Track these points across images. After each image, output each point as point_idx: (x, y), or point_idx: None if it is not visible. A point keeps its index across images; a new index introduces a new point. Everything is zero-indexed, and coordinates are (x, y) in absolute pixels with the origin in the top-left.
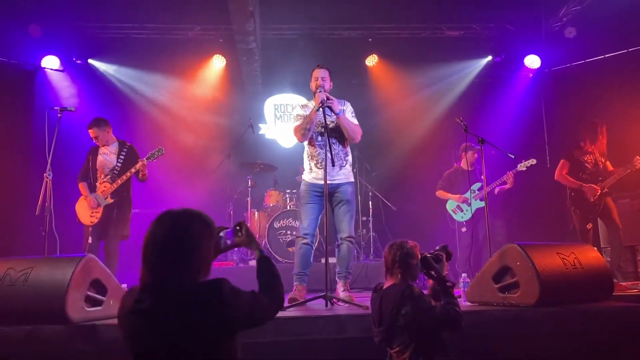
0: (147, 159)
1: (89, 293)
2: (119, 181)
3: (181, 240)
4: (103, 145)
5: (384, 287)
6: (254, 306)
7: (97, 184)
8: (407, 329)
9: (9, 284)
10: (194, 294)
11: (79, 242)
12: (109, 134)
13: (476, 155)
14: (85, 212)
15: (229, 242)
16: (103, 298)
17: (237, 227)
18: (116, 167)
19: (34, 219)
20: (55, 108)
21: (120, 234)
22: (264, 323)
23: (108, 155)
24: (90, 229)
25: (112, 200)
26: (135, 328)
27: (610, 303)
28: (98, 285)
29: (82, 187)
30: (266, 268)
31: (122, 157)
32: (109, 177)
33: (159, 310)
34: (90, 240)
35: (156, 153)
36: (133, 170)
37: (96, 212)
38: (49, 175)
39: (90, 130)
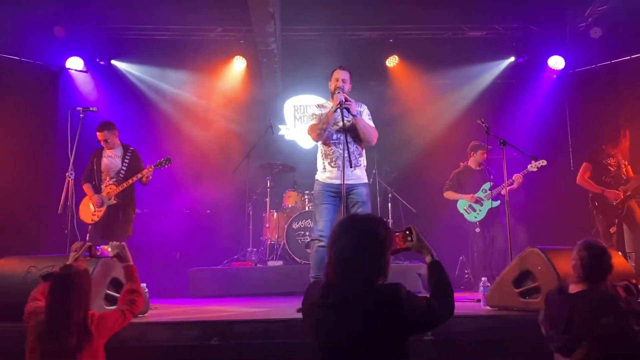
0: (154, 166)
1: (108, 291)
2: (125, 184)
3: (369, 245)
4: (109, 149)
5: (575, 291)
6: (428, 311)
7: (103, 186)
8: (602, 341)
9: (32, 282)
10: (375, 294)
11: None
12: (116, 138)
13: (485, 155)
14: (88, 210)
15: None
16: None
17: (407, 232)
18: (122, 171)
19: (58, 217)
20: (78, 108)
21: (126, 235)
22: (435, 328)
23: (113, 158)
24: (89, 227)
25: (115, 202)
26: (319, 320)
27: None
28: (117, 284)
29: (87, 188)
30: (438, 274)
31: (127, 160)
32: (114, 179)
33: (342, 307)
34: (87, 238)
35: (164, 162)
36: (139, 175)
37: (98, 211)
38: (71, 174)
39: (100, 133)
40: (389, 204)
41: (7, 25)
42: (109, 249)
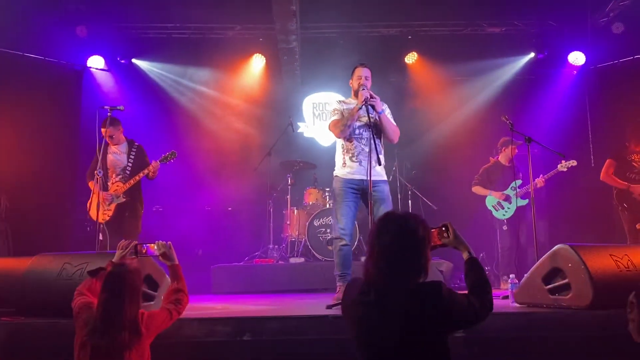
0: (160, 161)
1: (142, 288)
2: (132, 181)
3: (410, 243)
4: (114, 144)
5: None
6: (467, 309)
7: (109, 183)
8: None
9: (66, 279)
10: (416, 292)
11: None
12: (121, 133)
13: (517, 150)
14: (99, 208)
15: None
16: (155, 293)
17: (443, 228)
18: (127, 167)
19: (81, 215)
20: (105, 107)
21: (136, 231)
22: (474, 325)
23: (119, 155)
24: (101, 225)
25: (125, 199)
26: (359, 318)
27: None
28: (150, 281)
29: (93, 185)
30: (475, 271)
31: (132, 156)
32: (120, 176)
33: (383, 305)
34: (101, 237)
35: (169, 156)
36: (146, 171)
37: (108, 209)
38: (99, 172)
39: (106, 130)
40: (409, 201)
41: (32, 25)
42: (155, 248)
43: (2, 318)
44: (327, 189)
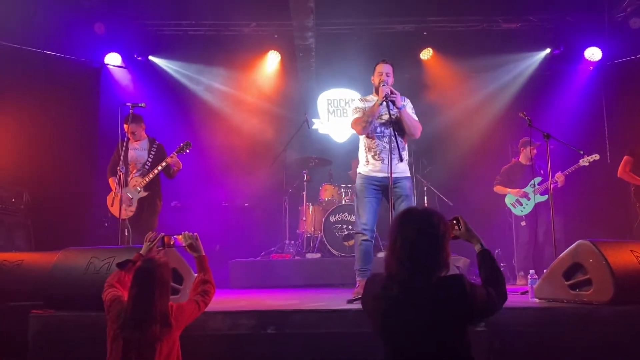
0: (176, 153)
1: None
2: (151, 175)
3: (431, 238)
4: (135, 141)
5: None
6: (487, 300)
7: (129, 178)
8: None
9: (94, 272)
10: (439, 286)
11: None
12: (143, 130)
13: (535, 150)
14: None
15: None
16: (180, 287)
17: (455, 221)
18: (147, 163)
19: (101, 210)
20: (128, 104)
21: (154, 226)
22: (492, 315)
23: (140, 151)
24: (125, 221)
25: (145, 194)
26: (382, 312)
27: None
28: (175, 275)
29: (113, 181)
30: (488, 262)
31: (153, 153)
32: (140, 172)
33: (407, 299)
34: (126, 233)
35: (184, 147)
36: (164, 164)
37: (131, 206)
38: (122, 169)
39: (128, 126)
40: (425, 197)
41: (51, 22)
42: (182, 239)
43: (33, 311)
44: (343, 185)
